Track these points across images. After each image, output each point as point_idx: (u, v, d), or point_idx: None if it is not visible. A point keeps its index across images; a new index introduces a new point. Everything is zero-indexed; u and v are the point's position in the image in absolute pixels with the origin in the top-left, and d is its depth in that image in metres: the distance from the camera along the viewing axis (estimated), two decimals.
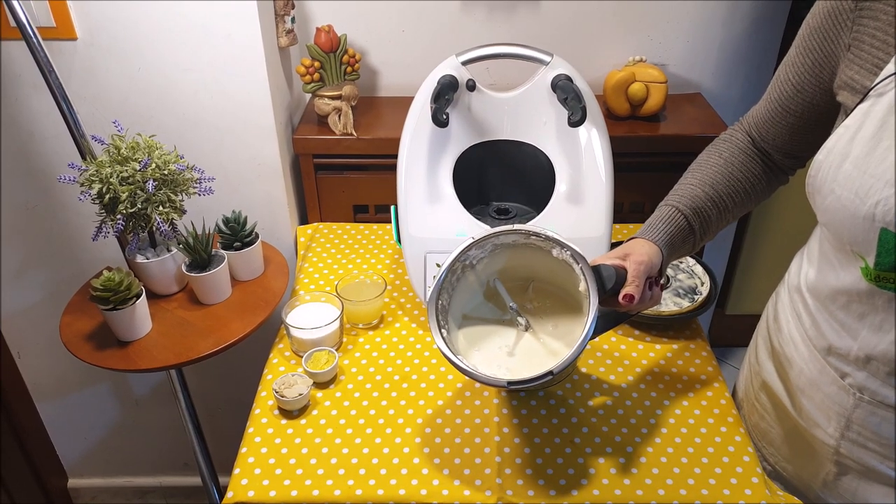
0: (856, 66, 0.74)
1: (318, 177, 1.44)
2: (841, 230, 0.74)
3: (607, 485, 0.91)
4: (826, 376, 0.85)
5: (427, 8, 1.43)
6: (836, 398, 0.84)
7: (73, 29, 1.19)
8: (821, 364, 0.86)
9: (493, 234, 0.90)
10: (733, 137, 0.95)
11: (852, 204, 0.70)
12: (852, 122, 0.72)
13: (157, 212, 1.09)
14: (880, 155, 0.68)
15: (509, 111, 1.17)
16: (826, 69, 0.79)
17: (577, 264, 0.85)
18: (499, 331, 0.95)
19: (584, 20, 1.45)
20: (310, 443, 0.98)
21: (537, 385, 1.01)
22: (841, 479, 0.89)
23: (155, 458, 1.87)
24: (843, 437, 0.85)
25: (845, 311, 0.80)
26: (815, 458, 0.91)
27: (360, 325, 1.18)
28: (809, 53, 0.80)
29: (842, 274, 0.79)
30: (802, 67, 0.82)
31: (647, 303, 0.87)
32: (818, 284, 0.85)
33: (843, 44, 0.75)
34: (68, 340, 1.12)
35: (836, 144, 0.73)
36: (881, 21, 0.71)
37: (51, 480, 1.84)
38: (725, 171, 0.92)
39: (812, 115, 0.84)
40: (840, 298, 0.80)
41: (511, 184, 1.23)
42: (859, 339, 0.79)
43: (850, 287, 0.78)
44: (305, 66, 1.35)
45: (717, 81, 1.54)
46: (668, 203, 0.92)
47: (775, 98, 0.88)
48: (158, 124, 1.29)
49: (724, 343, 2.29)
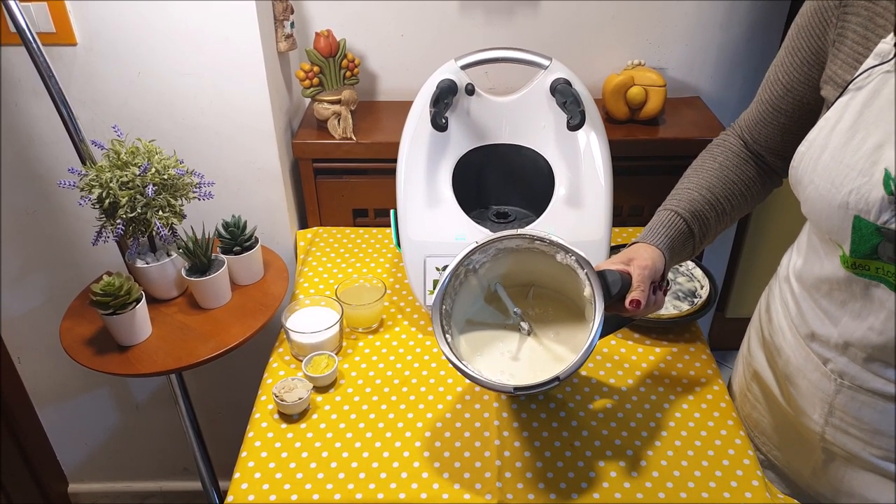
0: (839, 60, 0.76)
1: (318, 181, 1.44)
2: (819, 219, 0.76)
3: (607, 488, 0.91)
4: (810, 363, 0.87)
5: (426, 12, 1.43)
6: (819, 385, 0.86)
7: (73, 34, 1.19)
8: (805, 351, 0.88)
9: (497, 238, 0.90)
10: (726, 142, 0.97)
11: (829, 193, 0.73)
12: (832, 114, 0.74)
13: (156, 216, 1.09)
14: (855, 145, 0.71)
15: (508, 115, 1.17)
16: (815, 67, 0.81)
17: (581, 269, 0.85)
18: (501, 336, 0.95)
19: (583, 24, 1.46)
20: (310, 447, 0.98)
21: (538, 392, 1.01)
22: (828, 466, 0.90)
23: (155, 462, 1.87)
24: (827, 424, 0.87)
25: (828, 298, 0.82)
26: (804, 446, 0.93)
27: (360, 329, 1.18)
28: (798, 52, 0.82)
29: (825, 263, 0.81)
30: (792, 66, 0.84)
31: (650, 307, 0.88)
32: (804, 273, 0.88)
33: (830, 40, 0.78)
34: (68, 345, 1.12)
35: (816, 136, 0.76)
36: (862, 17, 0.73)
37: (51, 485, 1.83)
38: (721, 174, 0.93)
39: (803, 113, 0.86)
40: (823, 286, 0.83)
41: (510, 187, 1.23)
42: (839, 326, 0.81)
43: (831, 275, 0.80)
44: (305, 70, 1.36)
45: (715, 85, 1.55)
46: (666, 208, 0.93)
47: (766, 99, 0.90)
48: (158, 129, 1.30)
49: (724, 346, 2.29)
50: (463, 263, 0.91)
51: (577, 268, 0.86)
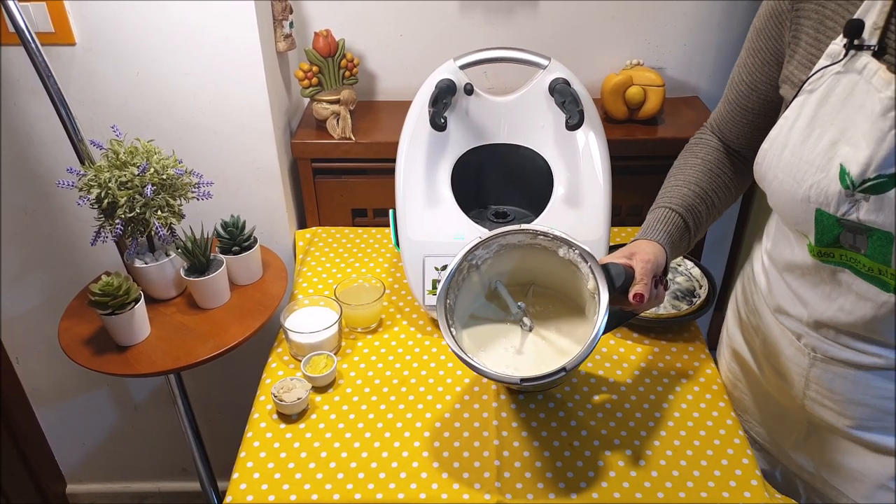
0: (795, 61, 0.81)
1: (317, 181, 1.44)
2: (784, 212, 0.81)
3: (606, 487, 0.91)
4: (785, 338, 0.91)
5: (425, 12, 1.43)
6: (794, 359, 0.90)
7: (72, 34, 1.19)
8: (780, 328, 0.92)
9: (500, 233, 0.90)
10: (703, 139, 1.01)
11: (791, 188, 0.77)
12: (791, 113, 0.78)
13: (155, 216, 1.09)
14: (812, 142, 0.75)
15: (507, 115, 1.17)
16: (775, 66, 0.86)
17: (585, 263, 0.86)
18: (503, 332, 0.95)
19: (582, 24, 1.46)
20: (308, 447, 0.98)
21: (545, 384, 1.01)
22: (810, 438, 0.94)
23: (153, 463, 1.87)
24: (805, 397, 0.91)
25: (800, 281, 0.87)
26: (785, 420, 0.97)
27: (359, 328, 1.18)
28: (758, 53, 0.87)
29: (795, 249, 0.85)
30: (753, 67, 0.89)
31: (652, 301, 0.89)
32: (774, 255, 0.92)
33: (786, 41, 0.82)
34: (67, 345, 1.12)
35: (777, 134, 0.80)
36: (813, 20, 0.77)
37: (49, 486, 1.83)
38: (705, 168, 0.97)
39: (769, 110, 0.90)
40: (796, 270, 0.87)
41: (509, 187, 1.23)
42: (808, 307, 0.86)
43: (801, 261, 0.85)
44: (304, 70, 1.36)
45: (714, 84, 1.55)
46: (660, 205, 0.96)
47: (732, 99, 0.94)
48: (157, 129, 1.30)
49: None
50: (466, 259, 0.91)
51: (580, 262, 0.86)
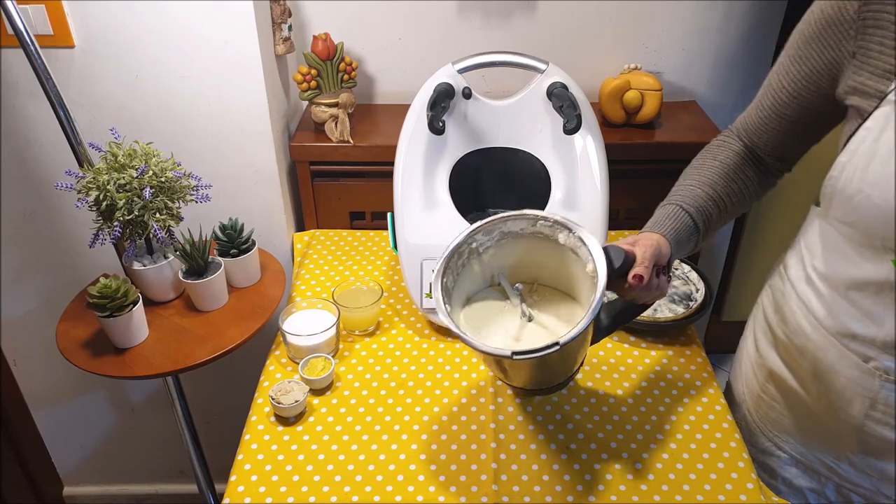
0: (865, 72, 0.77)
1: (315, 184, 1.44)
2: (872, 227, 0.78)
3: (603, 491, 0.92)
4: (846, 360, 0.88)
5: (424, 16, 1.44)
6: (859, 381, 0.87)
7: (71, 37, 1.20)
8: (839, 350, 0.88)
9: (501, 218, 0.90)
10: (726, 142, 0.98)
11: (881, 201, 0.74)
12: (874, 124, 0.75)
13: (153, 219, 1.09)
14: None
15: (505, 119, 1.18)
16: (826, 77, 0.82)
17: (584, 245, 0.85)
18: (501, 320, 0.95)
19: (580, 28, 1.46)
20: (306, 449, 0.98)
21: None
22: (863, 456, 0.92)
23: (151, 465, 1.87)
24: (867, 418, 0.88)
25: (873, 299, 0.83)
26: (834, 439, 0.94)
27: (357, 331, 1.18)
28: (806, 62, 0.83)
29: (866, 266, 0.82)
30: (799, 75, 0.85)
31: (654, 291, 0.88)
32: (831, 275, 0.88)
33: (847, 52, 0.78)
34: (65, 347, 1.12)
35: (859, 146, 0.77)
36: (886, 29, 0.74)
37: (46, 489, 1.83)
38: (722, 172, 0.95)
39: (808, 119, 0.88)
40: (867, 288, 0.83)
41: (507, 191, 1.24)
42: (886, 326, 0.82)
43: (877, 278, 0.81)
44: (302, 73, 1.36)
45: (711, 89, 1.55)
46: (670, 202, 0.94)
47: (768, 105, 0.90)
48: (155, 131, 1.30)
49: (720, 349, 2.29)
50: (467, 242, 0.90)
51: (579, 246, 0.86)
